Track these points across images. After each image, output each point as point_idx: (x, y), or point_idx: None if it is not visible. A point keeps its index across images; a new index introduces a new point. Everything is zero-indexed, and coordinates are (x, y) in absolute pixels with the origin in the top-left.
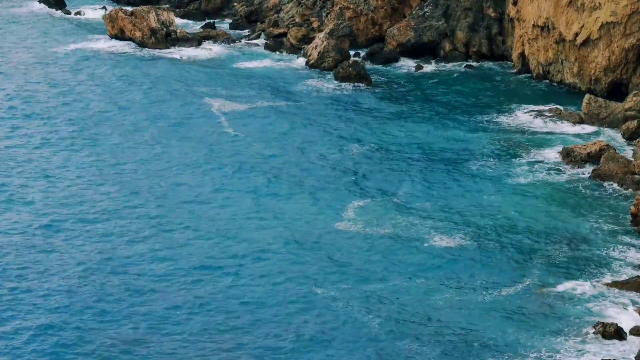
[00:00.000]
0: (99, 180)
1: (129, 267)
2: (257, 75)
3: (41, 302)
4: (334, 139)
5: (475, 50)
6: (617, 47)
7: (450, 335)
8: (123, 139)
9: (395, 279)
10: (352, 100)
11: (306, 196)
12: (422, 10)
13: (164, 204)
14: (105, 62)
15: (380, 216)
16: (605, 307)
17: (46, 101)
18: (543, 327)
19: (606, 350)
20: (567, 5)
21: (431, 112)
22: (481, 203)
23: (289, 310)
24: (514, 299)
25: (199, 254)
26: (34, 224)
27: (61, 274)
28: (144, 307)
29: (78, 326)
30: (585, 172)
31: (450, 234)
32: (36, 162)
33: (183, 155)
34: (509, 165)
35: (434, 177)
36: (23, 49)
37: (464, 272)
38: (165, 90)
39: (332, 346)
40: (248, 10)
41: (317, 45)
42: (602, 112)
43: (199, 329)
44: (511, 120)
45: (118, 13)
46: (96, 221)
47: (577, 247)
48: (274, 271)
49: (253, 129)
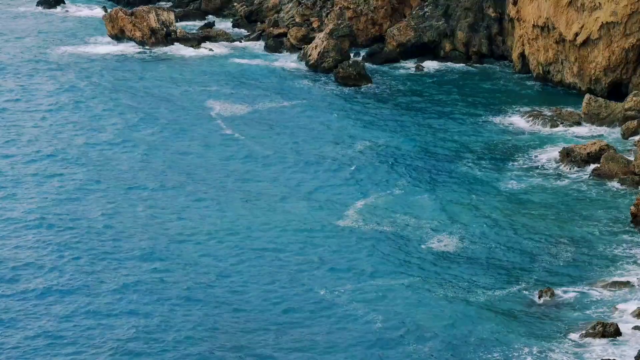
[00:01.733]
0: (97, 180)
1: (118, 263)
2: (257, 75)
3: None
4: (333, 138)
5: (475, 50)
6: (617, 47)
7: (450, 335)
8: (123, 139)
9: (395, 279)
10: (352, 100)
11: (306, 196)
12: (422, 10)
13: (164, 205)
14: (105, 62)
15: (380, 216)
16: (605, 307)
17: (46, 101)
18: (543, 327)
19: (606, 351)
20: (567, 5)
21: (431, 112)
22: (481, 203)
23: (289, 310)
24: (513, 299)
25: (198, 254)
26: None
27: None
28: (136, 305)
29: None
30: (585, 172)
31: (451, 234)
32: (33, 162)
33: (182, 156)
34: (508, 165)
35: (434, 177)
36: (22, 48)
37: (464, 272)
38: (165, 91)
39: (332, 346)
40: (248, 10)
41: (317, 45)
42: (602, 112)
43: (198, 328)
44: (511, 120)
45: (118, 13)
46: (95, 222)
47: (577, 247)
48: (274, 271)
49: (253, 129)
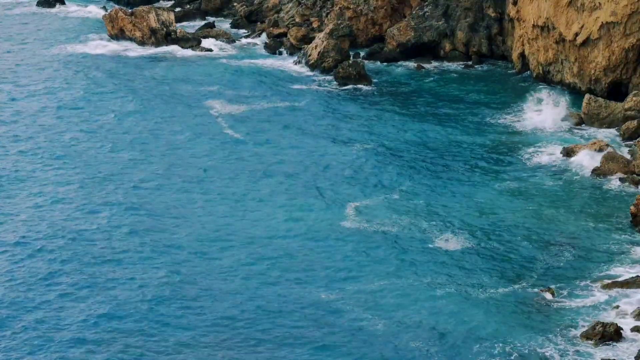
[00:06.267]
0: (97, 180)
1: (106, 266)
2: (257, 75)
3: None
4: (333, 139)
5: (475, 50)
6: (617, 47)
7: (450, 335)
8: (123, 139)
9: (396, 279)
10: (352, 100)
11: (305, 196)
12: (422, 10)
13: (164, 205)
14: (105, 62)
15: (380, 216)
16: (605, 307)
17: (46, 101)
18: (543, 327)
19: (606, 351)
20: (567, 5)
21: (431, 112)
22: (481, 203)
23: (290, 310)
24: (514, 299)
25: (197, 254)
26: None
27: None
28: (148, 305)
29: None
30: (586, 171)
31: (450, 234)
32: (32, 165)
33: (181, 156)
34: (508, 165)
35: (434, 177)
36: (21, 48)
37: (464, 272)
38: (164, 91)
39: (333, 346)
40: (248, 10)
41: (317, 45)
42: (602, 112)
43: (198, 329)
44: (511, 120)
45: (118, 13)
46: (94, 222)
47: (577, 247)
48: (274, 271)
49: (253, 129)
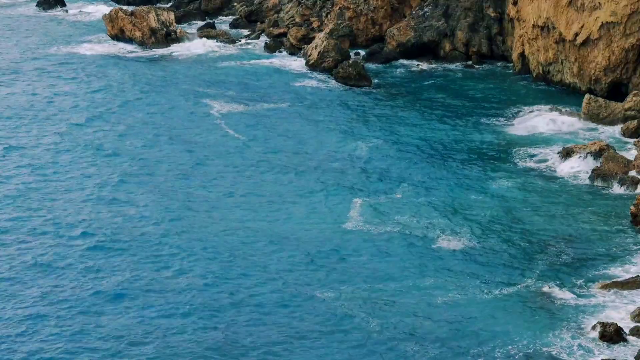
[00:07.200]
0: (97, 180)
1: (118, 272)
2: (257, 75)
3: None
4: (333, 139)
5: (475, 50)
6: (617, 47)
7: (450, 335)
8: (122, 138)
9: (396, 278)
10: (352, 100)
11: (306, 197)
12: (422, 10)
13: (164, 206)
14: (105, 62)
15: (380, 216)
16: (604, 307)
17: (45, 101)
18: (543, 327)
19: (606, 351)
20: (567, 5)
21: (431, 112)
22: (481, 203)
23: (291, 310)
24: (513, 299)
25: (197, 254)
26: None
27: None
28: (137, 308)
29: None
30: (586, 171)
31: (450, 233)
32: (34, 163)
33: (181, 157)
34: (508, 165)
35: (434, 177)
36: (21, 49)
37: (464, 272)
38: (164, 91)
39: (333, 346)
40: (248, 10)
41: (317, 45)
42: (602, 112)
43: (198, 329)
44: (511, 120)
45: (118, 13)
46: (93, 223)
47: (577, 247)
48: (275, 271)
49: (253, 129)
